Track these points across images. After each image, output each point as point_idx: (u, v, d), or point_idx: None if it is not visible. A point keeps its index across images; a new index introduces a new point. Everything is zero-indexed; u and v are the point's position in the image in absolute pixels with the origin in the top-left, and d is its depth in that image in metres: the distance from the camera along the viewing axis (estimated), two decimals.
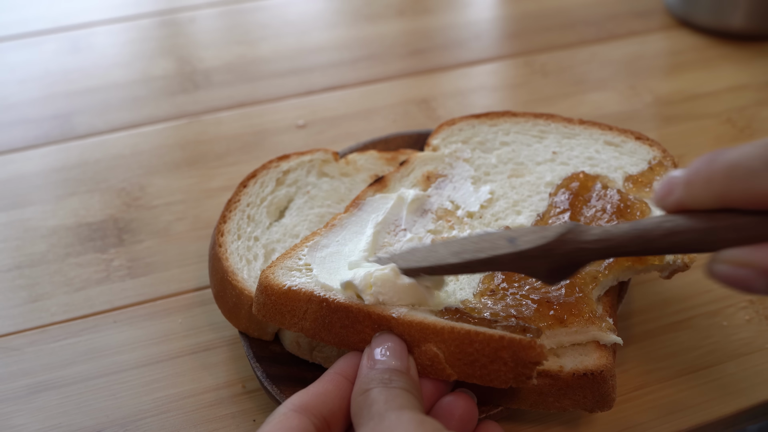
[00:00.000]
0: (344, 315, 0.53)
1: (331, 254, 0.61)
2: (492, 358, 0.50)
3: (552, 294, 0.56)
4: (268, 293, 0.57)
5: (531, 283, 0.58)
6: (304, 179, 0.72)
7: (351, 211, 0.65)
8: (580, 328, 0.55)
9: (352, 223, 0.64)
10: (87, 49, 1.07)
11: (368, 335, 0.53)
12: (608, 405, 0.55)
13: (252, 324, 0.61)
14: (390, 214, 0.65)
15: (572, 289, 0.57)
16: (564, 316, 0.55)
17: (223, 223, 0.68)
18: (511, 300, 0.56)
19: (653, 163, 0.67)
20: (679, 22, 1.09)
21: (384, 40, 1.08)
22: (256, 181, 0.71)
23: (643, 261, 0.59)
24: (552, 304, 0.55)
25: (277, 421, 0.47)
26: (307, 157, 0.74)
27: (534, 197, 0.66)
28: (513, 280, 0.58)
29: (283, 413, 0.48)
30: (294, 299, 0.56)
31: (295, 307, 0.56)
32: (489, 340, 0.50)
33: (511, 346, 0.50)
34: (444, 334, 0.51)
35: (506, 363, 0.50)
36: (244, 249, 0.66)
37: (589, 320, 0.56)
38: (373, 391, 0.48)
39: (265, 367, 0.59)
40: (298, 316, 0.55)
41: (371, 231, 0.63)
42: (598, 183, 0.64)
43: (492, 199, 0.66)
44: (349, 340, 0.53)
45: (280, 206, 0.71)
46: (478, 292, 0.58)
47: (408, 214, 0.65)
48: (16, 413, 0.61)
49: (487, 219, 0.65)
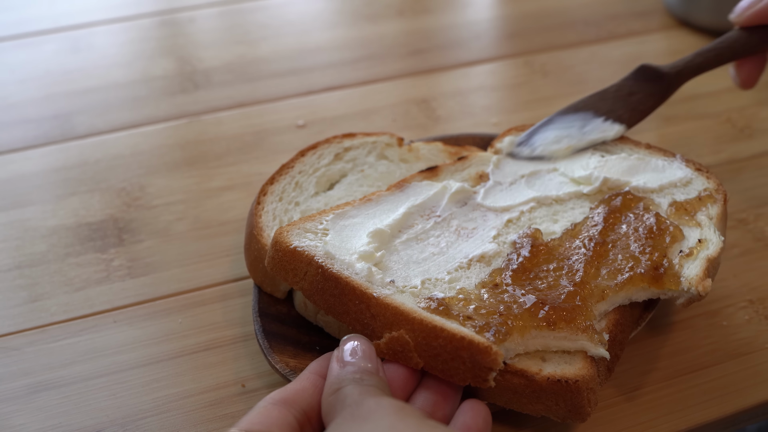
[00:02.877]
0: (334, 285, 0.56)
1: (354, 224, 0.62)
2: (453, 355, 0.52)
3: (550, 297, 0.56)
4: (276, 248, 0.60)
5: (537, 285, 0.58)
6: (363, 158, 0.74)
7: (392, 190, 0.66)
8: (568, 334, 0.55)
9: (388, 201, 0.65)
10: (87, 49, 1.07)
11: (351, 309, 0.55)
12: (581, 417, 0.54)
13: (267, 279, 0.64)
14: (430, 199, 0.65)
15: (573, 298, 0.56)
16: (554, 320, 0.55)
17: (269, 184, 0.70)
18: (507, 297, 0.56)
19: (703, 195, 0.65)
20: (679, 22, 1.09)
21: (384, 40, 1.08)
22: (315, 153, 0.73)
23: (660, 284, 0.58)
24: (545, 306, 0.55)
25: (258, 413, 0.48)
26: (372, 138, 0.75)
27: (576, 209, 0.66)
28: (521, 279, 0.58)
29: (264, 406, 0.49)
30: (297, 259, 0.58)
31: (297, 267, 0.58)
32: (451, 338, 0.52)
33: (469, 348, 0.51)
34: (414, 323, 0.53)
35: (465, 362, 0.51)
36: (281, 211, 0.68)
37: (580, 329, 0.55)
38: (346, 388, 0.48)
39: (265, 323, 0.62)
40: (299, 276, 0.58)
41: (404, 210, 0.64)
42: (641, 204, 0.64)
43: (534, 206, 0.66)
44: (335, 309, 0.56)
45: (331, 179, 0.73)
46: (480, 283, 0.58)
47: (448, 203, 0.65)
48: (16, 413, 0.61)
49: (522, 222, 0.65)
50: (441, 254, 0.61)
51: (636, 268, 0.58)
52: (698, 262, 0.59)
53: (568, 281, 0.57)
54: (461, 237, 0.63)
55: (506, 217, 0.65)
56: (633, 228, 0.62)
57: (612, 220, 0.63)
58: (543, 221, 0.65)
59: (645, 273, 0.58)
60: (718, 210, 0.64)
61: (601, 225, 0.62)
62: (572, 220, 0.65)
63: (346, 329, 0.60)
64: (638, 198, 0.65)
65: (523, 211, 0.66)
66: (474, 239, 0.63)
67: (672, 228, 0.61)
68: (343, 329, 0.61)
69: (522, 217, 0.65)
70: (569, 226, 0.64)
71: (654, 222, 0.62)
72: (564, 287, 0.57)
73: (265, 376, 0.63)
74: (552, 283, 0.58)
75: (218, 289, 0.71)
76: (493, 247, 0.62)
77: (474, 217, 0.65)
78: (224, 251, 0.75)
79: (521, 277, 0.58)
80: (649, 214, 0.63)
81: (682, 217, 0.63)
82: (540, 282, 0.58)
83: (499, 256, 0.61)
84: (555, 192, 0.67)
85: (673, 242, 0.60)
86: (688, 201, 0.65)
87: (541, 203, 0.67)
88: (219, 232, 0.77)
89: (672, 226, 0.61)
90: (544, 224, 0.65)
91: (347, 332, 0.61)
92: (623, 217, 0.63)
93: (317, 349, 0.61)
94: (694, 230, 0.62)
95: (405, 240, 0.62)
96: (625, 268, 0.58)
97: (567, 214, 0.66)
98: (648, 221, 0.62)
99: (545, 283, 0.58)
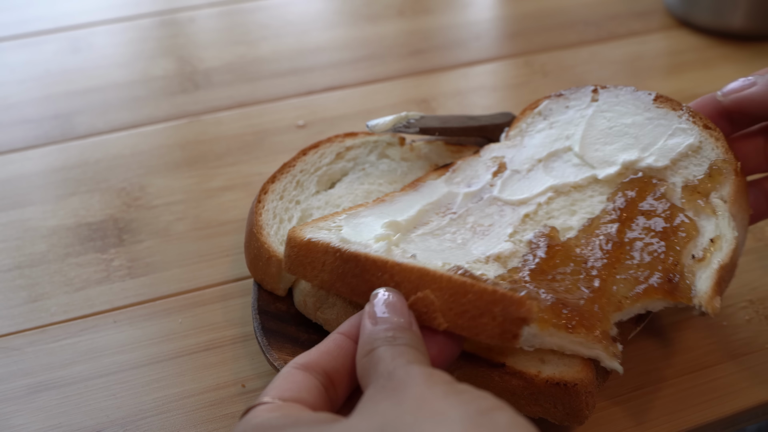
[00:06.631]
0: (354, 264, 0.54)
1: (368, 221, 0.61)
2: (482, 310, 0.50)
3: (571, 299, 0.55)
4: (291, 245, 0.59)
5: (555, 287, 0.56)
6: (364, 157, 0.74)
7: (406, 190, 0.65)
8: (585, 341, 0.53)
9: (402, 201, 0.64)
10: (87, 49, 1.07)
11: (374, 284, 0.53)
12: (579, 420, 0.54)
13: (267, 277, 0.64)
14: (445, 197, 0.64)
15: (591, 305, 0.55)
16: (575, 324, 0.53)
17: (270, 182, 0.71)
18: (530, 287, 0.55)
19: (713, 169, 0.61)
20: (679, 22, 1.09)
21: (384, 40, 1.08)
22: (317, 152, 0.74)
23: (674, 297, 0.56)
24: (565, 306, 0.54)
25: (283, 379, 0.47)
26: (373, 137, 0.75)
27: (594, 198, 0.63)
28: (539, 280, 0.57)
29: (288, 372, 0.48)
30: (313, 251, 0.57)
31: (314, 259, 0.57)
32: (482, 292, 0.50)
33: (502, 301, 0.49)
34: (443, 281, 0.51)
35: (495, 317, 0.50)
36: (282, 209, 0.69)
37: (597, 338, 0.53)
38: (379, 350, 0.47)
39: (264, 320, 0.62)
40: (317, 268, 0.57)
41: (419, 207, 0.62)
42: (657, 191, 0.61)
43: (552, 197, 0.64)
44: (359, 290, 0.54)
45: (333, 178, 0.73)
46: (499, 276, 0.57)
47: (464, 199, 0.64)
48: (16, 413, 0.61)
49: (540, 216, 0.63)
50: (459, 249, 0.60)
51: (650, 278, 0.56)
52: (709, 272, 0.56)
53: (586, 287, 0.56)
54: (477, 234, 0.62)
55: (523, 212, 0.63)
56: (649, 224, 0.59)
57: (628, 214, 0.61)
58: (560, 214, 0.63)
59: (659, 286, 0.56)
60: (730, 188, 0.60)
61: (617, 222, 0.60)
62: (590, 211, 0.62)
63: None
64: (653, 185, 0.62)
65: (541, 204, 0.64)
66: (490, 237, 0.62)
67: (686, 222, 0.58)
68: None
69: (539, 211, 0.63)
70: (586, 221, 0.61)
71: (668, 215, 0.59)
72: (582, 293, 0.55)
73: (265, 376, 0.63)
74: (569, 288, 0.56)
75: (218, 289, 0.71)
76: (509, 246, 0.60)
77: (490, 213, 0.64)
78: (224, 251, 0.75)
79: (538, 278, 0.57)
80: (664, 205, 0.60)
81: (696, 203, 0.60)
82: (558, 285, 0.56)
83: (515, 256, 0.59)
84: (573, 178, 0.65)
85: (687, 242, 0.58)
86: (700, 181, 0.61)
87: (559, 192, 0.64)
88: (219, 232, 0.77)
89: (685, 219, 0.59)
90: (561, 218, 0.62)
91: None
92: (639, 210, 0.61)
93: None
94: (709, 220, 0.59)
95: (421, 234, 0.61)
96: (641, 277, 0.57)
97: (585, 204, 0.63)
98: (662, 214, 0.59)
99: (563, 286, 0.56)
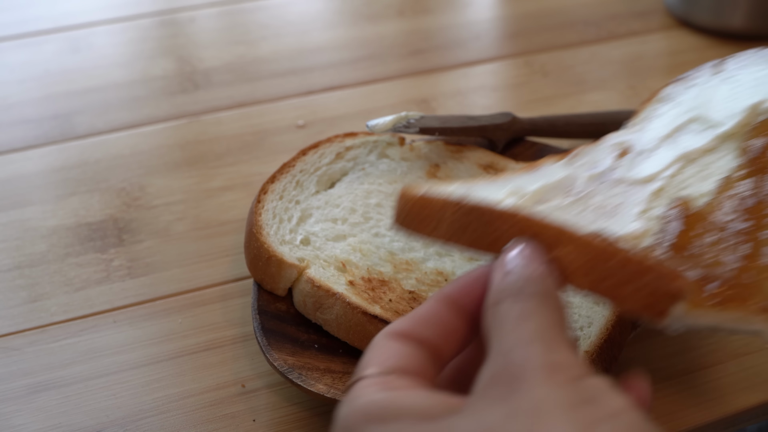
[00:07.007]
0: (479, 215, 0.49)
1: (486, 188, 0.57)
2: (628, 279, 0.45)
3: (719, 272, 0.49)
4: (403, 202, 0.54)
5: (697, 262, 0.51)
6: (364, 157, 0.75)
7: (522, 171, 0.61)
8: (743, 315, 0.48)
9: (519, 179, 0.60)
10: (87, 49, 1.07)
11: (504, 235, 0.48)
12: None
13: (267, 277, 0.65)
14: (566, 179, 0.60)
15: (742, 274, 0.49)
16: (726, 299, 0.48)
17: (270, 182, 0.71)
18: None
19: None
20: (679, 22, 1.09)
21: (384, 40, 1.08)
22: (317, 152, 0.74)
23: None
24: (713, 282, 0.48)
25: (380, 351, 0.43)
26: (373, 137, 0.76)
27: (728, 155, 0.58)
28: (677, 256, 0.51)
29: (382, 344, 0.43)
30: (428, 206, 0.53)
31: (429, 215, 0.52)
32: (629, 260, 0.45)
33: (651, 271, 0.45)
34: (582, 241, 0.46)
35: (640, 289, 0.45)
36: (282, 209, 0.69)
37: (755, 311, 0.47)
38: (503, 304, 0.43)
39: (264, 320, 0.62)
40: (433, 223, 0.52)
41: (538, 186, 0.58)
42: None
43: (682, 165, 0.59)
44: (482, 241, 0.49)
45: (332, 178, 0.73)
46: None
47: (588, 180, 0.60)
48: (16, 413, 0.61)
49: (670, 190, 0.57)
50: (585, 228, 0.54)
51: None
52: None
53: (732, 256, 0.51)
54: (604, 215, 0.57)
55: (652, 188, 0.58)
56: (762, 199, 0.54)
57: (758, 167, 0.55)
58: (693, 182, 0.57)
59: None
60: None
61: (750, 178, 0.54)
62: (723, 172, 0.56)
63: (347, 328, 0.60)
64: None
65: (671, 176, 0.58)
66: (618, 217, 0.57)
67: None
68: (344, 327, 0.60)
69: (669, 184, 0.58)
70: (720, 182, 0.55)
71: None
72: (729, 263, 0.50)
73: (265, 376, 0.63)
74: (713, 260, 0.51)
75: (218, 289, 0.71)
76: (639, 225, 0.54)
77: (617, 193, 0.59)
78: (224, 251, 0.75)
79: (678, 254, 0.51)
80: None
81: None
82: (699, 259, 0.51)
83: (648, 234, 0.54)
84: (701, 142, 0.60)
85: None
86: None
87: (689, 159, 0.59)
88: (219, 232, 0.77)
89: None
90: (693, 186, 0.57)
91: (349, 331, 0.61)
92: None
93: (315, 347, 0.61)
94: None
95: (543, 209, 0.56)
96: None
97: (716, 166, 0.58)
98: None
99: (706, 260, 0.51)
